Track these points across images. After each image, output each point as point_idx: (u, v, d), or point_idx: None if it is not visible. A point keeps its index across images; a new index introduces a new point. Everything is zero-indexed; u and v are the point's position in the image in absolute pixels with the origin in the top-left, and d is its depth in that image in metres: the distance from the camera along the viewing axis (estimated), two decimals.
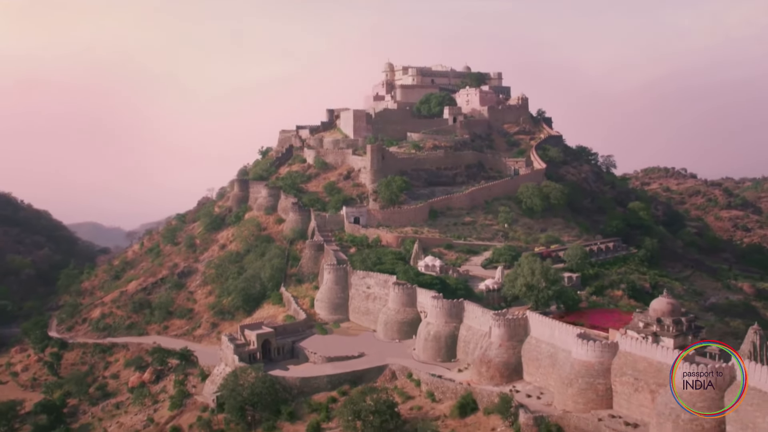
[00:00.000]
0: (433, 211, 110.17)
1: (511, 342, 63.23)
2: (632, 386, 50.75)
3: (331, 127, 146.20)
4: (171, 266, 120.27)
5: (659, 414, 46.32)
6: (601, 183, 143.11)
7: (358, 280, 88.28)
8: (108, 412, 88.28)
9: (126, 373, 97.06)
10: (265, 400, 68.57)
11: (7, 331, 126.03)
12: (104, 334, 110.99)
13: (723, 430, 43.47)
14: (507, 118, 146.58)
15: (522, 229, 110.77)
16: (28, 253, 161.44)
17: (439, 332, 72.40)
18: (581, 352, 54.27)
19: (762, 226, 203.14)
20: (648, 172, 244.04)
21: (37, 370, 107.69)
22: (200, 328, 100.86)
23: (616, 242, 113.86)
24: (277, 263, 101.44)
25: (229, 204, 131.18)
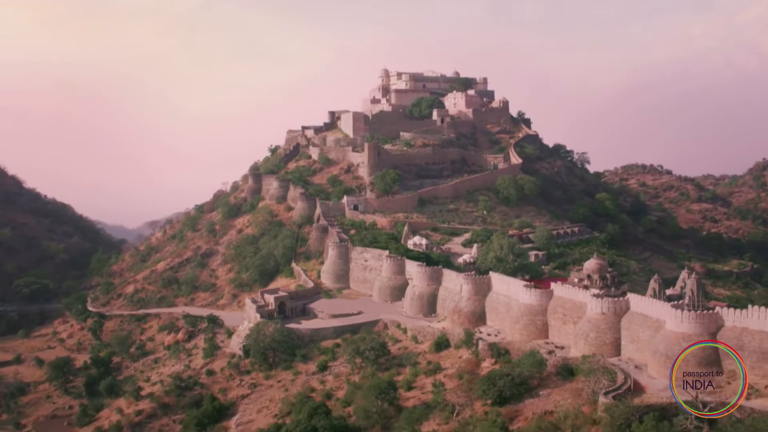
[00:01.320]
0: (421, 199, 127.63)
1: (477, 296, 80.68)
2: (561, 320, 68.20)
3: (332, 127, 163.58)
4: (194, 248, 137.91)
5: (576, 336, 63.89)
6: (573, 176, 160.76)
7: (357, 254, 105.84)
8: (148, 366, 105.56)
9: (160, 336, 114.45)
10: (282, 346, 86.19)
11: (49, 306, 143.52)
12: (138, 306, 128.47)
13: (618, 341, 60.98)
14: (490, 119, 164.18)
15: (499, 216, 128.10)
16: (60, 241, 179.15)
17: (422, 292, 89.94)
18: (526, 298, 71.79)
19: (729, 218, 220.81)
20: (627, 169, 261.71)
21: (80, 337, 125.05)
22: (223, 299, 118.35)
23: (581, 227, 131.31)
24: (288, 243, 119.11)
25: (244, 195, 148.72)
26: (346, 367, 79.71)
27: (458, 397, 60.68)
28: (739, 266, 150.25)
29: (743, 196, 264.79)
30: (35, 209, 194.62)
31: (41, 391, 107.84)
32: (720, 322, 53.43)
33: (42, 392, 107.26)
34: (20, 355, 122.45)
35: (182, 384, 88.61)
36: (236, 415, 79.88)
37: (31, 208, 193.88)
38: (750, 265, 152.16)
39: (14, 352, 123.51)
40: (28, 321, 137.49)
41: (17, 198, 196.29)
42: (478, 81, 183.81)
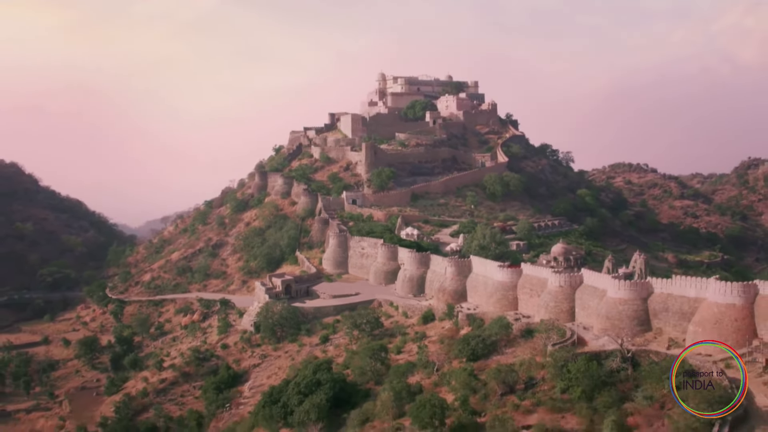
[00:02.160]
0: (414, 195, 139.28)
1: (459, 276, 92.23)
2: (528, 294, 79.80)
3: (333, 128, 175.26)
4: (206, 240, 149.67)
5: (539, 306, 75.54)
6: (556, 174, 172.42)
7: (355, 243, 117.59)
8: (167, 343, 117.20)
9: (177, 318, 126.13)
10: (289, 322, 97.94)
11: (71, 294, 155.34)
12: (154, 292, 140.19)
13: (573, 309, 72.58)
14: (479, 120, 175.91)
15: (485, 210, 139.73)
16: (77, 235, 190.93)
17: (412, 275, 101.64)
18: (499, 276, 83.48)
19: (708, 214, 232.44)
20: (614, 167, 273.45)
21: (102, 320, 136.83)
22: (233, 285, 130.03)
23: (561, 220, 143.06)
24: (293, 234, 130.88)
25: (251, 191, 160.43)
26: (344, 339, 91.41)
27: (439, 357, 72.40)
28: (710, 257, 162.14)
29: (726, 193, 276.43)
30: (52, 205, 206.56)
31: (70, 366, 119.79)
32: (650, 290, 65.18)
33: (71, 368, 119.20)
34: (48, 336, 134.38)
35: (200, 356, 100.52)
36: (249, 381, 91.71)
37: (49, 204, 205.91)
38: (720, 256, 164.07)
39: (42, 334, 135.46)
40: (52, 307, 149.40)
41: (35, 195, 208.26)
42: (470, 84, 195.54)
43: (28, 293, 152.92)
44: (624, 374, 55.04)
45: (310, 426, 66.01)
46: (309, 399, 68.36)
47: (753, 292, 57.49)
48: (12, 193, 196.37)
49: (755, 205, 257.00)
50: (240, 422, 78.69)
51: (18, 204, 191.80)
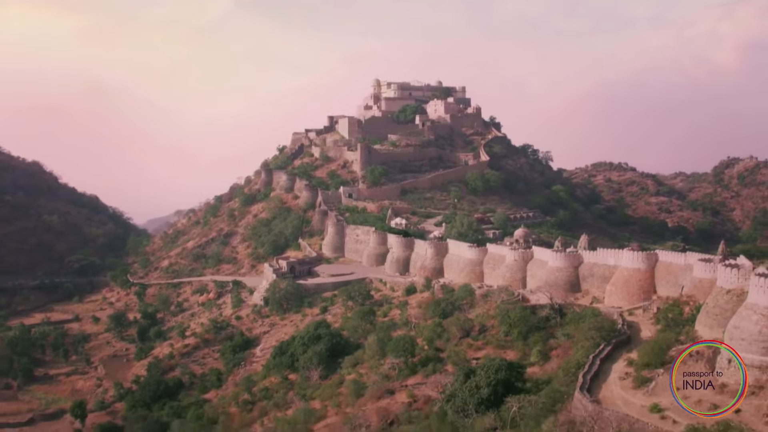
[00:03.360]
0: (403, 190, 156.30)
1: (437, 256, 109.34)
2: (491, 268, 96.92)
3: (331, 130, 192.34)
4: (218, 230, 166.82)
5: (498, 276, 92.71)
6: (534, 172, 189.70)
7: (350, 231, 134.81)
8: (186, 318, 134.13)
9: (194, 297, 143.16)
10: (293, 296, 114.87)
11: (96, 279, 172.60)
12: (172, 276, 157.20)
13: (525, 278, 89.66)
14: (465, 123, 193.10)
15: (467, 203, 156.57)
16: (97, 227, 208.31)
17: (399, 257, 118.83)
18: (469, 254, 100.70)
19: (681, 209, 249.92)
20: (596, 166, 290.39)
21: (126, 300, 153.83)
22: (243, 269, 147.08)
23: (536, 212, 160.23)
24: (296, 224, 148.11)
25: (258, 186, 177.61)
26: (341, 309, 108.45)
27: (416, 317, 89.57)
28: (672, 247, 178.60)
29: (702, 190, 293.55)
30: (72, 201, 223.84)
31: (101, 339, 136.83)
32: (581, 260, 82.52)
33: (102, 340, 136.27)
34: (78, 315, 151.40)
35: (218, 325, 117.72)
36: (260, 345, 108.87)
37: (70, 199, 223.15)
38: (682, 246, 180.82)
39: (73, 313, 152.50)
40: (80, 290, 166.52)
41: (57, 191, 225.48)
42: (458, 89, 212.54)
43: (58, 278, 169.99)
44: (553, 321, 72.15)
45: (311, 370, 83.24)
46: (311, 348, 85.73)
47: (654, 259, 74.75)
48: (37, 189, 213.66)
49: (728, 201, 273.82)
50: (254, 374, 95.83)
51: (43, 199, 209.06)
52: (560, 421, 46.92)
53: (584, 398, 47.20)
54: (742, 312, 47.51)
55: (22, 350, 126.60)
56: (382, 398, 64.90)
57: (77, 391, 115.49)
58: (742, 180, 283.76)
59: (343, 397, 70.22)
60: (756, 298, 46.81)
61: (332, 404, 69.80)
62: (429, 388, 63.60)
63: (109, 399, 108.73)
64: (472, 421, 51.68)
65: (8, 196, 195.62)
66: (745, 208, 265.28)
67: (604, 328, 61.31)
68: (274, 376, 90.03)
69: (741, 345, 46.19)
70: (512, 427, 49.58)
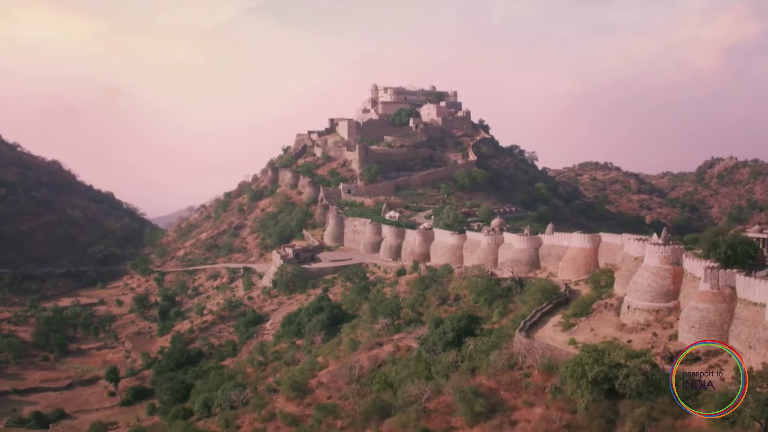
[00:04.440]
0: (397, 186, 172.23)
1: (424, 243, 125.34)
2: (470, 252, 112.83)
3: (332, 131, 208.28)
4: (229, 223, 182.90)
5: (474, 259, 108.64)
6: (518, 170, 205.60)
7: (349, 222, 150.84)
8: (203, 300, 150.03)
9: (208, 282, 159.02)
10: (298, 279, 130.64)
11: (116, 267, 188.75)
12: (188, 264, 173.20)
13: (496, 259, 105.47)
14: (455, 125, 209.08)
15: (455, 198, 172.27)
16: (115, 222, 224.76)
17: (391, 244, 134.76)
18: (450, 240, 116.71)
19: (661, 206, 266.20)
20: (582, 166, 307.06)
21: (147, 286, 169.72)
22: (252, 257, 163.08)
23: (518, 207, 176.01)
24: (300, 217, 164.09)
25: (264, 183, 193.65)
26: (340, 288, 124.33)
27: (404, 292, 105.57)
28: None
29: (684, 189, 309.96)
30: (90, 197, 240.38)
31: (126, 319, 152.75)
32: (540, 242, 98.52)
33: (126, 320, 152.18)
34: (103, 299, 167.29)
35: (232, 304, 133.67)
36: (270, 320, 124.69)
37: (88, 196, 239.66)
38: None
39: (97, 297, 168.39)
40: (102, 277, 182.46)
41: (77, 188, 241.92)
42: (450, 94, 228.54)
43: (82, 266, 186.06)
44: (514, 290, 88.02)
45: (315, 335, 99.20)
46: (315, 317, 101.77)
47: (597, 240, 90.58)
48: (58, 186, 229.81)
49: (707, 199, 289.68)
50: (266, 342, 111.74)
51: (64, 195, 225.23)
52: (503, 353, 62.94)
53: (521, 335, 63.27)
54: (639, 271, 63.57)
55: (56, 328, 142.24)
56: (373, 349, 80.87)
57: (108, 362, 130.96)
58: (721, 179, 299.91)
59: (341, 351, 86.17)
60: (648, 261, 62.85)
61: (332, 357, 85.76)
62: (409, 340, 79.61)
63: (137, 367, 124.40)
64: (440, 357, 67.75)
65: (34, 192, 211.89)
66: (722, 206, 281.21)
67: (548, 291, 77.45)
68: (284, 342, 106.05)
69: (636, 295, 62.24)
70: (469, 360, 65.61)
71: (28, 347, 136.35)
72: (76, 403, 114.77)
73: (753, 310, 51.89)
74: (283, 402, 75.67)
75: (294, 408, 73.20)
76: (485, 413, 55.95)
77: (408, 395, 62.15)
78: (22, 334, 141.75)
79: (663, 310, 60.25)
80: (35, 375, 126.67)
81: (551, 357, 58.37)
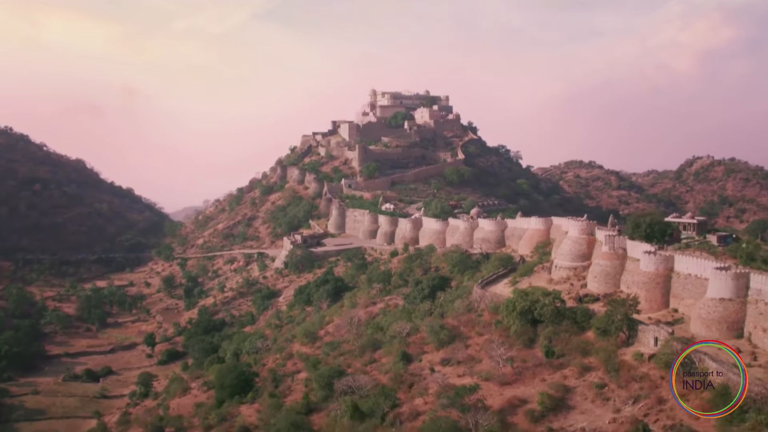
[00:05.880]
0: (393, 182, 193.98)
1: (414, 229, 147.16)
2: (451, 235, 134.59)
3: (334, 132, 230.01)
4: (242, 215, 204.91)
5: (454, 241, 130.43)
6: (503, 168, 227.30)
7: (350, 213, 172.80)
8: (222, 281, 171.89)
9: (226, 266, 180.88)
10: (306, 260, 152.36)
11: (142, 254, 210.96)
12: (207, 251, 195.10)
13: (472, 241, 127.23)
14: (446, 127, 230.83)
15: (444, 193, 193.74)
16: (138, 214, 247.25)
17: (386, 231, 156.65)
18: (435, 226, 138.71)
19: (639, 201, 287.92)
20: (568, 164, 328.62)
21: (171, 270, 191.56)
22: (265, 244, 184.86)
23: (500, 201, 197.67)
24: (306, 209, 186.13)
25: (274, 180, 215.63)
26: (342, 268, 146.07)
27: (395, 268, 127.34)
28: None
29: (663, 186, 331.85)
30: (113, 192, 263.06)
31: (155, 297, 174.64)
32: (506, 226, 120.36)
33: (155, 298, 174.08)
34: (132, 281, 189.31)
35: (249, 282, 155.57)
36: (282, 295, 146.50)
37: (111, 192, 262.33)
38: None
39: (127, 280, 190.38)
40: (130, 263, 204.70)
41: (101, 184, 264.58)
42: (442, 98, 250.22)
43: (112, 253, 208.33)
44: (482, 262, 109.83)
45: (322, 303, 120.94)
46: (321, 288, 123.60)
47: (549, 223, 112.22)
48: (85, 182, 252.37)
49: (683, 195, 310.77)
50: (280, 311, 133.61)
51: (91, 190, 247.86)
52: (464, 301, 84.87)
53: (478, 288, 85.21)
54: (564, 240, 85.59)
55: (96, 304, 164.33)
56: (369, 307, 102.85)
57: (143, 332, 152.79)
58: (697, 176, 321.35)
59: (343, 310, 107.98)
60: (571, 232, 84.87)
61: (336, 315, 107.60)
62: (398, 299, 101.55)
63: (169, 335, 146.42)
64: (418, 306, 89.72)
65: (65, 188, 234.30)
66: (696, 201, 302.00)
67: (505, 261, 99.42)
68: (296, 309, 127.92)
69: (561, 257, 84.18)
70: (439, 308, 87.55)
71: (73, 320, 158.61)
72: (120, 363, 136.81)
73: (635, 264, 73.76)
74: (299, 346, 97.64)
75: (307, 350, 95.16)
76: (448, 341, 77.82)
77: (393, 332, 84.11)
78: (66, 309, 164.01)
79: (579, 267, 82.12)
80: (81, 342, 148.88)
81: (497, 302, 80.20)
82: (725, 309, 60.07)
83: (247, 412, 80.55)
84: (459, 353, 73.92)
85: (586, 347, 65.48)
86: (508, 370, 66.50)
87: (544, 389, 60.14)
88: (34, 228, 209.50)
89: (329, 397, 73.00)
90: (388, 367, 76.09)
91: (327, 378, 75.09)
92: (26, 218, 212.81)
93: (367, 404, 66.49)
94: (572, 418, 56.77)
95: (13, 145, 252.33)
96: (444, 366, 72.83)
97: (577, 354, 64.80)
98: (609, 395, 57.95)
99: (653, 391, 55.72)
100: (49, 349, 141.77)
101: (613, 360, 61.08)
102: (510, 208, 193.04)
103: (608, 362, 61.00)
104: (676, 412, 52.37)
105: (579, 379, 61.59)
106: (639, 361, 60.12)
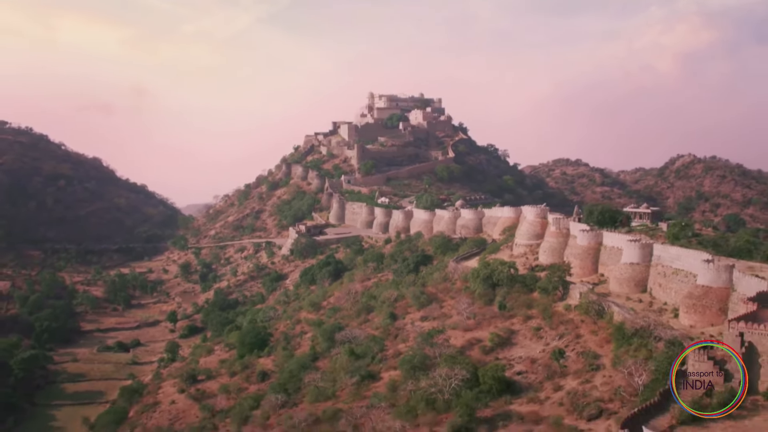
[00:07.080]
0: (388, 178, 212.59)
1: (406, 220, 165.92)
2: (437, 224, 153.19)
3: (335, 133, 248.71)
4: (251, 208, 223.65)
5: (440, 229, 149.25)
6: (490, 166, 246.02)
7: (349, 206, 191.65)
8: (233, 267, 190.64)
9: (237, 255, 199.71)
10: (310, 247, 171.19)
11: (158, 245, 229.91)
12: (218, 241, 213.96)
13: (455, 228, 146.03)
14: (438, 127, 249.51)
15: (435, 188, 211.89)
16: (152, 209, 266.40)
17: (382, 221, 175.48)
18: (424, 216, 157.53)
19: (621, 197, 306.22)
20: (556, 162, 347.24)
21: (186, 259, 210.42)
22: (272, 235, 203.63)
23: (487, 196, 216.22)
24: (310, 203, 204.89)
25: (279, 176, 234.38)
26: (342, 253, 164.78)
27: (389, 252, 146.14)
28: None
29: (646, 182, 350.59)
30: (129, 188, 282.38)
31: (173, 282, 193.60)
32: (483, 215, 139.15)
33: (174, 282, 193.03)
34: (150, 268, 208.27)
35: (259, 267, 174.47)
36: (289, 278, 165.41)
37: (127, 188, 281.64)
38: None
39: (146, 267, 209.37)
40: (148, 252, 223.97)
41: (117, 181, 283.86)
42: (435, 101, 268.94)
43: (131, 243, 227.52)
44: (461, 245, 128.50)
45: (325, 281, 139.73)
46: (324, 269, 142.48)
47: (519, 212, 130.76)
48: (102, 179, 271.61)
49: (664, 191, 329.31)
50: (288, 290, 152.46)
51: (109, 187, 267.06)
52: (442, 273, 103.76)
53: (453, 262, 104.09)
54: (523, 223, 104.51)
55: (120, 288, 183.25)
56: (364, 282, 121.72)
57: (164, 312, 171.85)
58: (678, 173, 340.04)
59: (343, 286, 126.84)
60: (528, 217, 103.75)
61: (336, 290, 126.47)
62: (388, 275, 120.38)
63: (189, 313, 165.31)
64: (404, 278, 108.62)
65: (87, 184, 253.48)
66: (676, 197, 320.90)
67: (478, 242, 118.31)
68: (301, 288, 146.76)
69: (520, 237, 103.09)
70: (422, 279, 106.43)
71: (101, 301, 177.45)
72: (146, 337, 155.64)
73: (574, 240, 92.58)
74: (305, 314, 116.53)
75: (312, 316, 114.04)
76: (427, 303, 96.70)
77: (383, 299, 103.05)
78: (94, 292, 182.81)
79: (534, 245, 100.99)
80: (110, 320, 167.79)
81: (467, 273, 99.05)
82: (633, 271, 78.87)
83: (265, 362, 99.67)
84: (435, 312, 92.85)
85: (531, 303, 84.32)
86: (471, 322, 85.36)
87: (495, 331, 79.02)
88: (60, 221, 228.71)
89: (331, 348, 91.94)
90: (378, 324, 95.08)
91: (329, 332, 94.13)
92: (52, 212, 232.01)
93: (361, 349, 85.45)
94: (514, 352, 75.66)
95: (35, 144, 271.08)
96: (423, 321, 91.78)
97: (523, 307, 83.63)
98: (542, 335, 76.82)
99: (574, 330, 74.58)
100: (82, 325, 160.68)
101: (548, 310, 79.88)
102: (494, 202, 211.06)
103: (545, 312, 79.82)
104: (588, 343, 71.22)
105: (523, 324, 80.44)
106: (567, 311, 78.93)
